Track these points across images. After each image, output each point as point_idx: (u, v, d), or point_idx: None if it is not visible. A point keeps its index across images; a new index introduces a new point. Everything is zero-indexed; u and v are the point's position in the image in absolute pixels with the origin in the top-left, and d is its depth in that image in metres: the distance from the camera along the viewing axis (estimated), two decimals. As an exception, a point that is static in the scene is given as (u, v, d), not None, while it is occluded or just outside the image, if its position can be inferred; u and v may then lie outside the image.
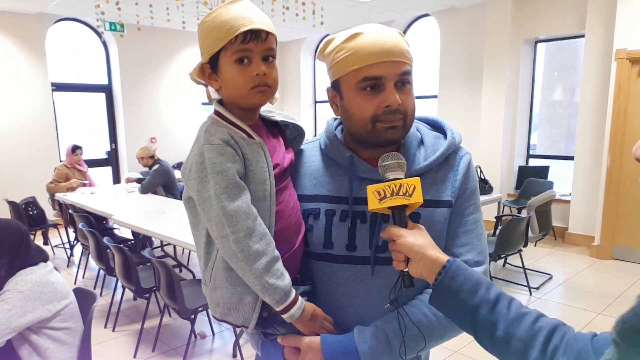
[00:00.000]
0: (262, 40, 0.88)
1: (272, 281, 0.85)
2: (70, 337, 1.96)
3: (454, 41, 6.56)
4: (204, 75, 0.94)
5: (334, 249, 0.95)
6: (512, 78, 5.98)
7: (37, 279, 1.85)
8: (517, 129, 6.15)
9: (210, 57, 0.90)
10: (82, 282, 4.48)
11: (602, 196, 4.90)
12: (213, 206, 0.85)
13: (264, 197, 0.90)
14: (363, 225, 0.94)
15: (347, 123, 0.96)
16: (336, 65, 0.92)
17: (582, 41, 5.38)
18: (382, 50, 0.88)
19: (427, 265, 0.83)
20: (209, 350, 3.19)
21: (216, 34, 0.87)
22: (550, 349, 0.73)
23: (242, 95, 0.90)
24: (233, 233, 0.84)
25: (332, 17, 6.72)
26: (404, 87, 0.92)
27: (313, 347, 0.90)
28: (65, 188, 5.36)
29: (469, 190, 0.98)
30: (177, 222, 3.74)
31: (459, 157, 1.00)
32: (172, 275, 2.75)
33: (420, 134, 1.02)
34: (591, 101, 5.20)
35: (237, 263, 0.86)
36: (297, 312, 0.88)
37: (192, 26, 6.96)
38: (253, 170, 0.89)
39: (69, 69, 7.14)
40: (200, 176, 0.86)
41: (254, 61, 0.89)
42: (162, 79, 7.73)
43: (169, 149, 7.83)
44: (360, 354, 0.89)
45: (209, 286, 0.94)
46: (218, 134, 0.88)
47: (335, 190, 0.98)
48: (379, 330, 0.91)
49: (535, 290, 4.08)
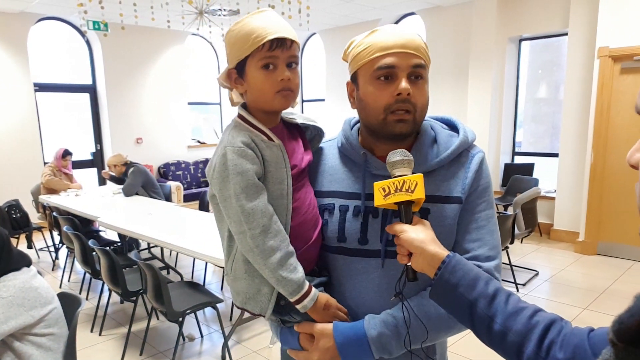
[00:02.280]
0: (287, 47, 0.95)
1: (285, 274, 0.91)
2: (55, 343, 1.93)
3: (440, 39, 6.59)
4: (230, 80, 1.00)
5: (347, 242, 1.01)
6: (498, 76, 6.03)
7: (20, 285, 1.82)
8: (502, 126, 6.21)
9: (238, 62, 0.97)
10: (68, 286, 4.42)
11: (586, 193, 4.97)
12: (232, 204, 0.92)
13: (281, 196, 0.96)
14: (375, 220, 0.99)
15: (362, 113, 1.01)
16: (355, 58, 0.98)
17: (565, 39, 5.45)
18: (396, 41, 0.94)
19: (427, 260, 0.86)
20: (198, 353, 3.17)
21: (244, 42, 0.94)
22: (546, 343, 0.74)
23: (267, 99, 0.97)
24: (250, 230, 0.91)
25: (318, 15, 6.71)
26: (417, 81, 0.95)
27: (326, 333, 0.95)
28: (67, 186, 5.31)
29: (481, 187, 1.01)
30: (163, 224, 3.71)
31: (471, 155, 1.03)
32: (159, 278, 2.72)
33: (434, 132, 1.05)
34: (575, 98, 5.27)
35: (253, 257, 0.93)
36: (310, 303, 0.94)
37: (177, 25, 6.91)
38: (272, 172, 0.96)
39: (52, 69, 7.03)
40: (223, 176, 0.92)
41: (279, 67, 0.95)
42: (147, 79, 7.65)
43: (154, 151, 7.76)
44: (369, 340, 0.93)
45: (230, 276, 1.02)
46: (240, 137, 0.94)
47: (349, 186, 1.03)
48: (388, 318, 0.95)
49: (522, 287, 4.12)
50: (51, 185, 5.29)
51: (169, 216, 3.99)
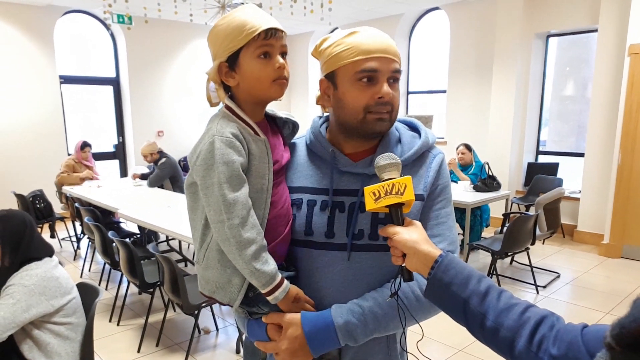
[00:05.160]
0: (280, 37, 0.98)
1: (259, 267, 0.93)
2: (72, 332, 1.96)
3: (464, 35, 6.47)
4: (220, 74, 1.00)
5: (314, 236, 1.04)
6: (523, 73, 5.89)
7: (42, 274, 1.85)
8: (526, 124, 6.07)
9: (229, 55, 0.98)
10: (88, 276, 4.51)
11: (612, 194, 4.82)
12: (214, 193, 0.92)
13: (261, 190, 0.99)
14: (341, 214, 1.03)
15: (339, 112, 1.03)
16: (334, 57, 1.00)
17: (594, 35, 5.29)
18: (380, 46, 0.99)
19: (421, 260, 0.88)
20: (213, 346, 3.19)
21: (237, 34, 0.95)
22: (537, 338, 0.75)
23: (264, 87, 0.99)
24: (228, 219, 0.92)
25: (340, 9, 6.65)
26: (395, 84, 1.01)
27: (294, 322, 0.98)
28: (79, 178, 5.39)
29: (440, 186, 1.07)
30: (182, 217, 3.74)
31: (432, 155, 1.09)
32: (175, 271, 2.74)
33: (399, 132, 1.11)
34: (603, 97, 5.11)
35: (228, 247, 0.93)
36: (282, 294, 0.96)
37: (200, 18, 6.94)
38: (256, 165, 0.97)
39: (77, 61, 7.15)
40: (208, 164, 0.93)
41: (274, 56, 0.98)
42: (169, 72, 7.73)
43: (175, 143, 7.84)
44: (336, 327, 0.97)
45: (201, 264, 1.02)
46: (229, 128, 0.96)
47: (317, 182, 1.07)
48: (354, 307, 0.99)
49: (543, 289, 4.03)
50: (64, 182, 5.38)
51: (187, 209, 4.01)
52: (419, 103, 7.61)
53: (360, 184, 1.03)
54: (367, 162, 1.04)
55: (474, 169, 5.02)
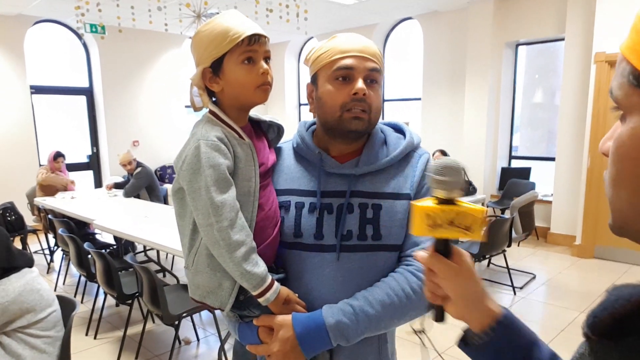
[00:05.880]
0: (264, 43, 1.00)
1: (249, 268, 0.93)
2: (50, 346, 1.90)
3: (437, 44, 6.62)
4: (205, 79, 1.01)
5: (303, 238, 1.04)
6: (494, 81, 6.05)
7: (20, 288, 1.78)
8: (499, 130, 6.22)
9: (213, 61, 0.98)
10: (63, 289, 4.39)
11: (583, 196, 4.98)
12: (202, 196, 0.93)
13: (248, 193, 0.99)
14: (330, 216, 1.04)
15: (319, 112, 1.06)
16: (316, 61, 1.05)
17: (562, 44, 5.48)
18: (354, 46, 1.01)
19: (474, 314, 0.71)
20: (194, 356, 3.14)
21: (221, 40, 0.96)
22: None
23: (248, 93, 1.00)
24: (217, 222, 0.92)
25: (316, 19, 6.72)
26: (373, 84, 1.03)
27: (285, 324, 0.98)
28: (65, 181, 5.27)
29: (427, 186, 1.07)
30: (160, 227, 3.69)
31: (417, 155, 1.11)
32: (155, 281, 2.70)
33: (384, 134, 1.12)
34: (571, 103, 5.29)
35: (218, 250, 0.93)
36: (272, 296, 0.96)
37: (175, 28, 6.90)
38: (242, 168, 0.98)
39: (48, 71, 7.00)
40: (194, 168, 0.94)
41: (258, 61, 0.99)
42: (144, 82, 7.64)
43: (151, 153, 7.73)
44: (327, 328, 0.97)
45: (190, 270, 1.02)
46: (214, 132, 0.97)
47: (305, 184, 1.08)
48: (345, 307, 0.99)
49: (519, 290, 4.12)
50: (49, 182, 5.25)
51: (165, 219, 3.97)
52: (395, 111, 7.72)
53: (347, 185, 1.04)
54: (354, 163, 1.06)
55: (450, 175, 5.11)
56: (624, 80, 0.46)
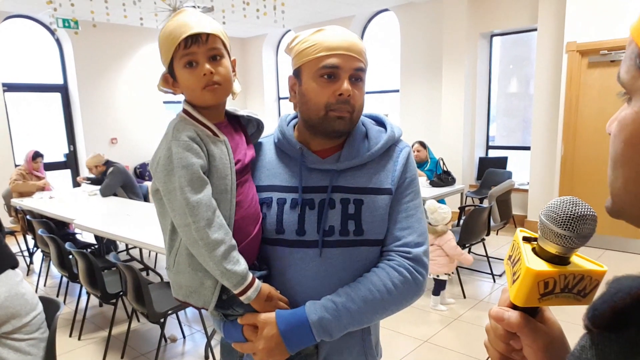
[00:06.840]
0: (204, 42, 0.96)
1: (229, 267, 0.93)
2: (34, 348, 1.89)
3: (414, 36, 6.68)
4: (168, 84, 1.03)
5: (286, 234, 1.04)
6: (470, 71, 6.14)
7: (5, 294, 1.77)
8: (476, 120, 6.33)
9: (168, 66, 1.00)
10: (44, 291, 4.34)
11: (557, 184, 5.12)
12: (177, 197, 0.92)
13: (225, 191, 0.98)
14: (311, 211, 1.04)
15: (303, 108, 1.05)
16: (300, 54, 1.02)
17: (535, 34, 5.59)
18: (342, 44, 1.00)
19: None
20: (180, 354, 3.16)
21: (166, 45, 0.97)
22: None
23: (196, 95, 0.99)
24: (194, 222, 0.92)
25: (293, 12, 6.71)
26: (357, 83, 1.02)
27: (269, 321, 0.99)
28: (35, 187, 5.16)
29: (408, 179, 1.09)
30: (142, 225, 3.67)
31: (398, 149, 1.11)
32: (139, 279, 2.70)
33: (365, 128, 1.12)
34: (544, 92, 5.41)
35: (197, 250, 0.93)
36: (254, 294, 0.97)
37: (151, 22, 6.80)
38: (216, 166, 0.97)
39: (20, 68, 6.83)
40: (167, 169, 0.94)
41: (200, 63, 0.97)
42: (120, 77, 7.52)
43: (130, 150, 7.64)
44: (310, 324, 0.98)
45: (172, 270, 1.02)
46: (185, 132, 0.96)
47: (286, 180, 1.07)
48: (328, 303, 1.00)
49: (499, 278, 4.23)
50: (19, 190, 5.15)
51: (146, 217, 3.94)
52: (373, 102, 7.76)
53: (328, 181, 1.05)
54: (335, 158, 1.06)
55: (429, 165, 5.18)
56: (631, 63, 0.45)
